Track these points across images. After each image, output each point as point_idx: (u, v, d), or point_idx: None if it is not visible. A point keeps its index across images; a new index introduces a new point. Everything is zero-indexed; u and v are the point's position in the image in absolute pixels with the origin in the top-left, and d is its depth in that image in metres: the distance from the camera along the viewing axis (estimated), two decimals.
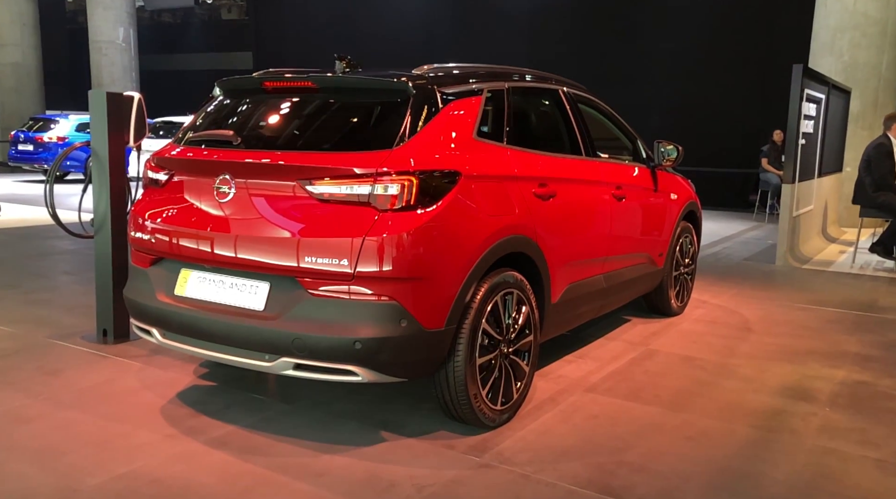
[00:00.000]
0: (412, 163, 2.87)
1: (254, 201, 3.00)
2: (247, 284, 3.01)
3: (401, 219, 2.81)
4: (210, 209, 3.10)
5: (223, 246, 3.00)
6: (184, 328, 3.13)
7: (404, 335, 2.82)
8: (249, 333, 2.92)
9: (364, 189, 2.82)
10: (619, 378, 3.94)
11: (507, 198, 3.29)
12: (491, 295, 3.13)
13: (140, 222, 3.34)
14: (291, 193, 2.92)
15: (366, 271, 2.76)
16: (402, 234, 2.78)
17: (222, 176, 3.06)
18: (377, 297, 2.80)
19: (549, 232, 3.55)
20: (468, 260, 3.00)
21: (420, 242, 2.83)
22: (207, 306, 3.06)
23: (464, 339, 3.01)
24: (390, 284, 2.79)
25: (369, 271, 2.76)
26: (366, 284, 2.79)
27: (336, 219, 2.83)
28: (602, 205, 4.13)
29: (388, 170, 2.82)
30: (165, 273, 3.27)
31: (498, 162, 3.32)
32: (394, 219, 2.80)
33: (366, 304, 2.80)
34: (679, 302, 5.39)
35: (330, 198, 2.86)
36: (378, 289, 2.79)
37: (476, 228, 3.06)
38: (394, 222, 2.79)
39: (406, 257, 2.79)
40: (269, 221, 2.93)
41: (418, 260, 2.83)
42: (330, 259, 2.79)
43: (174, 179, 3.30)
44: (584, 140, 4.09)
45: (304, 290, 2.85)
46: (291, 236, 2.85)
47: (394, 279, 2.79)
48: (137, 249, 3.40)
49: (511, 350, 3.31)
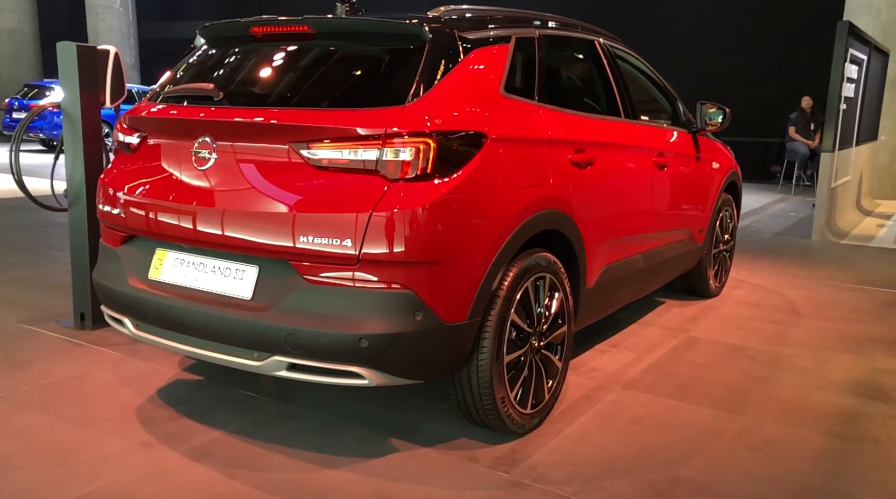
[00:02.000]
0: (428, 122, 2.37)
1: (239, 169, 2.50)
2: (231, 268, 2.53)
3: (415, 190, 2.31)
4: (188, 178, 2.61)
5: (203, 222, 2.52)
6: (159, 319, 2.66)
7: (419, 330, 2.34)
8: (235, 327, 2.45)
9: (370, 154, 2.32)
10: (662, 372, 3.47)
11: (540, 165, 2.79)
12: (521, 281, 2.64)
13: (109, 193, 2.85)
14: (283, 159, 2.43)
15: (373, 254, 2.27)
16: (416, 208, 2.29)
17: (201, 138, 2.56)
18: (387, 285, 2.31)
19: (587, 206, 3.04)
20: (495, 240, 2.51)
21: (438, 218, 2.33)
22: (186, 293, 2.59)
23: (489, 333, 2.53)
24: (402, 269, 2.31)
25: (377, 254, 2.27)
26: (373, 270, 2.30)
27: (337, 190, 2.34)
28: (643, 174, 3.62)
29: (400, 131, 2.32)
30: (138, 253, 2.79)
31: (529, 122, 2.80)
32: (406, 190, 2.30)
33: (373, 293, 2.31)
34: (717, 282, 4.90)
35: (329, 165, 2.36)
36: (388, 275, 2.30)
37: (505, 202, 2.56)
38: (406, 194, 2.30)
39: (421, 237, 2.30)
40: (256, 192, 2.44)
41: (436, 240, 2.34)
42: (330, 239, 2.30)
43: (147, 142, 2.80)
44: (623, 100, 3.57)
45: (299, 275, 2.37)
46: (283, 211, 2.37)
47: (407, 263, 2.30)
48: (107, 224, 2.92)
49: (542, 344, 2.83)
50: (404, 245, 2.28)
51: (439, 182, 2.35)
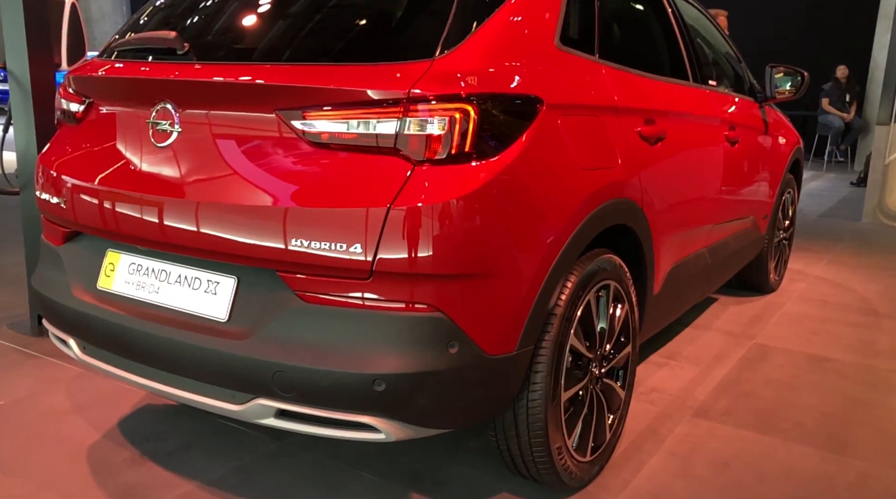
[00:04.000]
0: (465, 82, 1.73)
1: (209, 146, 1.87)
2: (201, 279, 1.91)
3: (447, 176, 1.68)
4: (144, 159, 1.97)
5: (164, 217, 1.89)
6: (110, 342, 2.03)
7: (454, 367, 1.72)
8: (205, 357, 1.83)
9: (387, 126, 1.68)
10: (736, 393, 2.85)
11: (607, 141, 2.14)
12: (582, 293, 2.02)
13: (48, 177, 2.22)
14: (269, 133, 1.79)
15: (391, 264, 1.65)
16: (450, 201, 1.66)
17: (160, 105, 1.92)
18: (410, 306, 1.68)
19: (657, 192, 2.41)
20: (554, 241, 1.88)
21: (480, 213, 1.70)
22: (143, 310, 1.97)
23: (544, 364, 1.91)
24: (431, 284, 1.68)
25: (397, 263, 1.65)
26: (391, 286, 1.67)
27: (341, 176, 1.71)
28: (715, 152, 2.97)
29: (427, 93, 1.68)
30: (84, 255, 2.16)
31: (591, 84, 2.16)
32: (436, 176, 1.67)
33: (391, 317, 1.69)
34: (777, 275, 4.27)
35: (331, 141, 1.73)
36: (411, 293, 1.68)
37: (566, 190, 1.93)
38: (436, 181, 1.67)
39: (457, 240, 1.67)
40: (232, 177, 1.81)
41: (477, 244, 1.71)
42: (332, 243, 1.67)
43: (95, 110, 2.16)
44: (692, 59, 2.91)
45: (291, 292, 1.75)
46: (268, 204, 1.74)
47: (437, 277, 1.67)
48: (47, 216, 2.29)
49: (604, 371, 2.22)
50: (434, 251, 1.65)
51: (480, 164, 1.71)
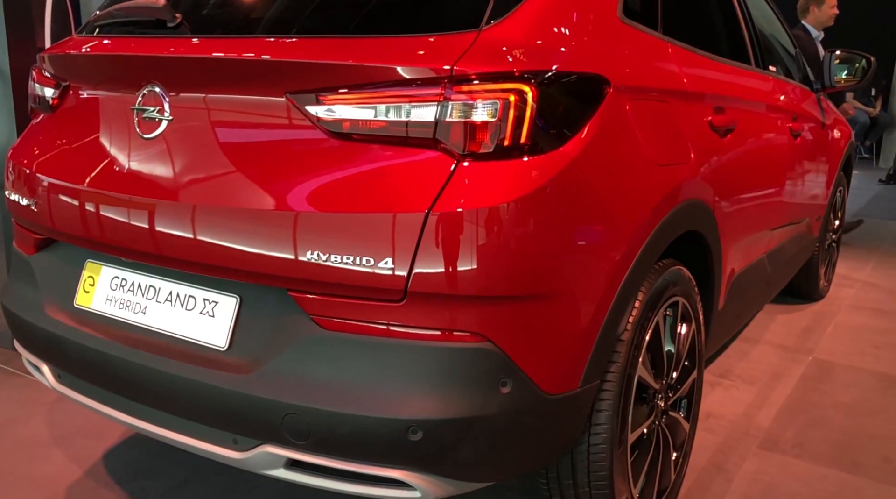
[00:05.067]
0: (520, 56, 1.40)
1: (204, 138, 1.54)
2: (196, 298, 1.58)
3: (500, 174, 1.35)
4: (129, 154, 1.65)
5: (152, 223, 1.57)
6: (88, 371, 1.71)
7: (507, 411, 1.39)
8: (200, 394, 1.51)
9: (425, 112, 1.36)
10: (804, 420, 2.52)
11: (679, 132, 1.81)
12: (651, 313, 1.69)
13: (19, 175, 1.90)
14: (278, 121, 1.47)
15: (430, 282, 1.32)
16: (503, 205, 1.33)
17: (147, 89, 1.60)
18: (453, 335, 1.36)
19: (727, 192, 2.08)
20: (625, 253, 1.55)
21: (540, 220, 1.37)
22: (128, 334, 1.64)
23: (609, 402, 1.59)
24: (480, 308, 1.35)
25: (437, 282, 1.32)
26: (430, 310, 1.35)
27: (368, 174, 1.38)
28: (781, 146, 2.64)
29: (474, 70, 1.35)
30: (60, 267, 1.84)
31: (658, 65, 1.83)
32: (486, 174, 1.34)
33: (430, 349, 1.36)
34: (826, 281, 3.94)
35: (354, 131, 1.40)
36: (455, 319, 1.35)
37: (638, 191, 1.60)
38: (486, 181, 1.34)
39: (512, 254, 1.35)
40: (232, 175, 1.49)
41: (536, 258, 1.38)
42: (356, 256, 1.34)
43: (73, 96, 1.84)
44: (753, 42, 2.58)
45: (305, 315, 1.43)
46: (277, 208, 1.41)
47: (487, 299, 1.35)
48: (18, 220, 1.97)
49: (670, 402, 1.89)
50: (482, 267, 1.32)
51: (539, 159, 1.38)
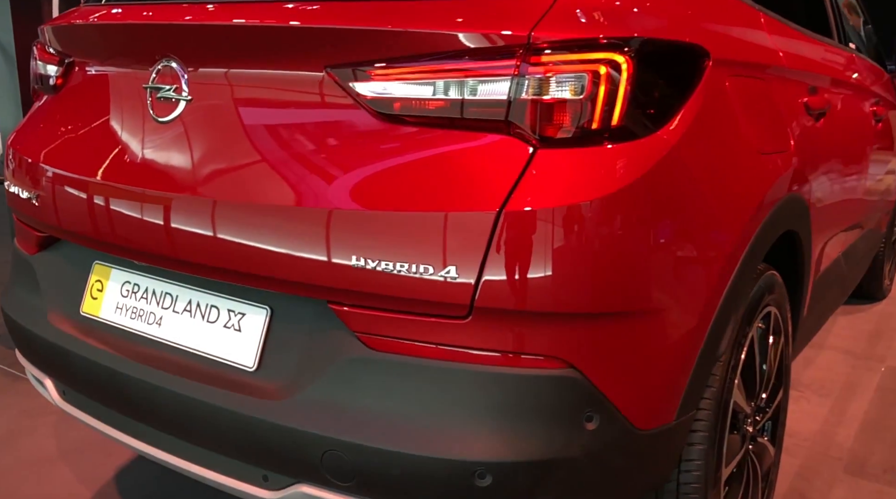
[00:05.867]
0: (610, 21, 1.15)
1: (229, 121, 1.31)
2: (219, 308, 1.36)
3: (588, 163, 1.10)
4: (140, 140, 1.43)
5: (168, 221, 1.34)
6: (95, 389, 1.50)
7: (592, 450, 1.15)
8: (224, 421, 1.29)
9: (495, 88, 1.11)
10: (891, 440, 2.27)
11: (778, 114, 1.56)
12: (748, 327, 1.45)
13: (20, 165, 1.68)
14: (316, 101, 1.23)
15: (502, 295, 1.08)
16: (592, 202, 1.08)
17: (162, 63, 1.37)
18: (529, 360, 1.12)
19: (820, 184, 1.82)
20: (729, 258, 1.30)
21: (635, 221, 1.13)
22: (140, 348, 1.43)
23: (703, 434, 1.34)
24: (563, 327, 1.11)
25: (510, 296, 1.08)
26: (501, 329, 1.11)
27: (424, 164, 1.14)
28: (867, 131, 2.38)
29: (556, 37, 1.10)
30: (65, 269, 1.62)
31: (754, 36, 1.57)
32: (571, 164, 1.10)
33: (501, 377, 1.12)
34: (889, 279, 3.67)
35: (408, 112, 1.16)
36: (532, 341, 1.11)
37: (743, 184, 1.35)
38: (571, 172, 1.09)
39: (602, 262, 1.10)
40: (261, 167, 1.26)
41: (632, 267, 1.14)
42: (411, 263, 1.11)
43: (79, 73, 1.62)
44: (836, 16, 2.31)
45: (349, 332, 1.19)
46: (316, 205, 1.18)
47: (572, 317, 1.11)
48: (18, 215, 1.76)
49: (757, 428, 1.65)
50: (567, 278, 1.08)
51: (632, 147, 1.14)
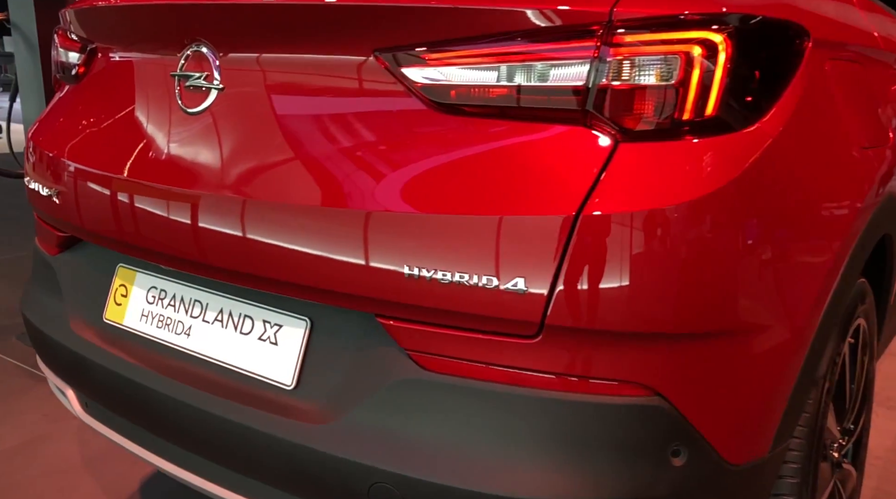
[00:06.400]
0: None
1: (265, 113, 1.18)
2: (254, 319, 1.23)
3: (678, 161, 0.95)
4: (169, 133, 1.30)
5: (199, 222, 1.22)
6: (119, 403, 1.39)
7: (680, 490, 1.00)
8: (258, 445, 1.16)
9: (571, 73, 0.96)
10: None
11: (877, 103, 1.39)
12: (841, 343, 1.29)
13: (39, 159, 1.57)
14: (364, 89, 1.10)
15: (578, 312, 0.93)
16: (682, 205, 0.93)
17: (191, 48, 1.25)
18: (608, 386, 0.98)
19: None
20: (830, 268, 1.14)
21: (732, 227, 0.97)
22: (167, 360, 1.30)
23: (797, 467, 1.19)
24: (647, 349, 0.96)
25: (588, 313, 0.93)
26: (577, 350, 0.96)
27: (487, 161, 1.00)
28: None
29: (639, 15, 0.95)
30: (87, 272, 1.51)
31: (848, 13, 1.40)
32: (658, 161, 0.94)
33: (576, 405, 0.98)
34: None
35: (467, 101, 1.02)
36: (612, 364, 0.97)
37: (845, 183, 1.19)
38: (658, 170, 0.94)
39: (695, 274, 0.95)
40: (302, 163, 1.12)
41: (728, 280, 0.98)
42: (472, 274, 0.96)
43: (102, 60, 1.50)
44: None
45: (400, 350, 1.06)
46: (363, 206, 1.04)
47: (657, 338, 0.96)
48: (39, 214, 1.65)
49: (843, 452, 1.49)
50: (654, 293, 0.94)
51: (730, 140, 0.98)
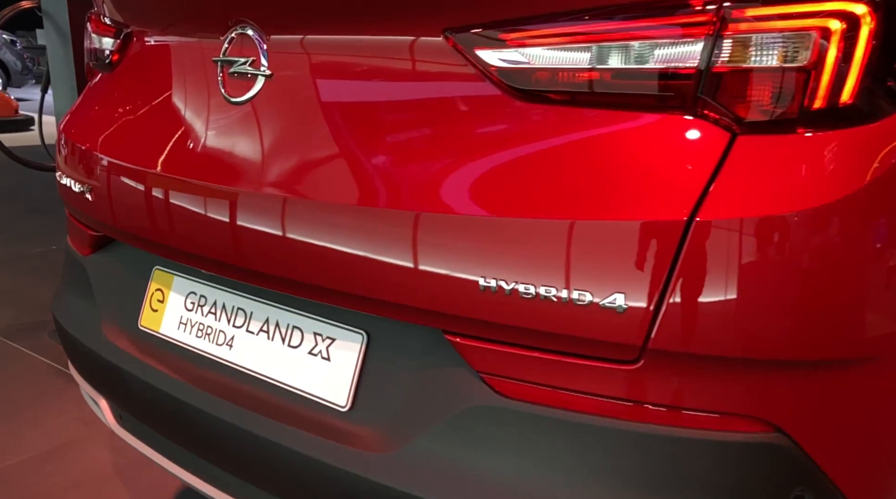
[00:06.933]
0: None
1: (319, 103, 1.06)
2: (303, 330, 1.11)
3: (810, 157, 0.80)
4: (211, 125, 1.18)
5: (243, 222, 1.10)
6: (156, 417, 1.28)
7: None
8: (309, 472, 1.04)
9: (680, 51, 0.82)
10: None
11: None
12: None
13: (71, 153, 1.47)
14: (431, 73, 0.97)
15: (688, 334, 0.80)
16: (815, 209, 0.78)
17: (236, 31, 1.13)
18: (718, 420, 0.84)
19: None
20: None
21: (876, 235, 0.83)
22: (208, 374, 1.19)
23: None
24: (767, 379, 0.83)
25: (700, 336, 0.80)
26: (683, 379, 0.83)
27: (578, 156, 0.86)
28: None
29: None
30: (121, 274, 1.40)
31: None
32: (786, 157, 0.80)
33: (681, 443, 0.85)
34: None
35: (553, 87, 0.89)
36: (723, 396, 0.83)
37: None
38: (787, 168, 0.80)
39: (830, 291, 0.81)
40: (359, 159, 1.00)
41: (868, 299, 0.84)
42: (561, 287, 0.84)
43: (137, 45, 1.39)
44: None
45: (472, 373, 0.93)
46: (428, 208, 0.91)
47: (783, 366, 0.82)
48: (71, 211, 1.55)
49: None
50: (781, 314, 0.79)
51: (870, 132, 0.83)
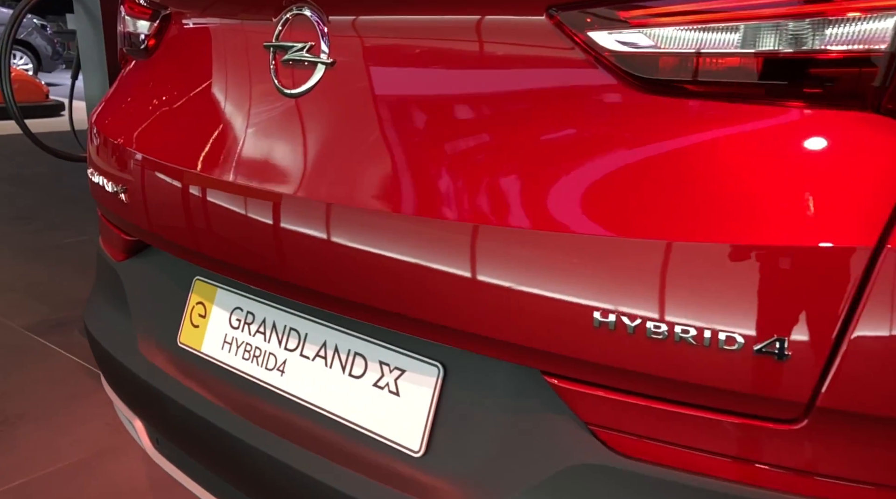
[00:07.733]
0: None
1: (391, 96, 0.90)
2: (367, 359, 0.97)
3: None
4: (262, 120, 1.04)
5: (296, 235, 0.95)
6: (196, 446, 1.15)
7: None
8: None
9: (854, 31, 0.64)
10: None
11: None
12: None
13: (103, 147, 1.33)
14: (532, 60, 0.80)
15: (873, 392, 0.64)
16: None
17: (292, 12, 0.97)
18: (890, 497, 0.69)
19: None
20: None
21: None
22: (256, 402, 1.05)
23: None
24: None
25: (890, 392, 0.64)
26: (862, 446, 0.67)
27: (717, 163, 0.70)
28: None
29: None
30: (159, 284, 1.27)
31: None
32: None
33: None
34: None
35: (683, 76, 0.72)
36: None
37: None
38: None
39: None
40: (441, 162, 0.84)
41: None
42: (697, 324, 0.68)
43: (177, 29, 1.24)
44: None
45: (578, 422, 0.78)
46: (525, 224, 0.75)
47: None
48: (104, 212, 1.41)
49: None
50: None
51: None
